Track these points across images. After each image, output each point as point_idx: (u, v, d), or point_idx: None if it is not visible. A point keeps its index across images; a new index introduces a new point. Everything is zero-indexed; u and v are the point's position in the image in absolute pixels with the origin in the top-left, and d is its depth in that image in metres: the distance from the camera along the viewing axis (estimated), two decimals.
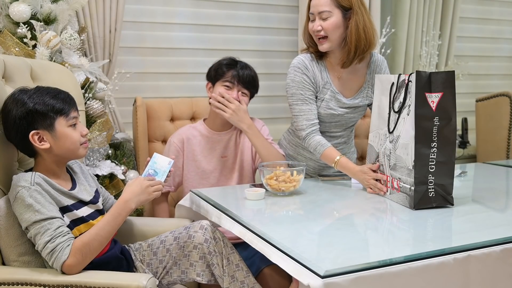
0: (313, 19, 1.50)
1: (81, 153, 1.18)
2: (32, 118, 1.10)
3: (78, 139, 1.16)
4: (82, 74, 1.69)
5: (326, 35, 1.49)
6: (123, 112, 2.10)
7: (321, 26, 1.47)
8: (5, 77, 1.28)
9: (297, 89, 1.55)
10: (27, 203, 1.05)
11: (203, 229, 1.25)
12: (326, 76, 1.57)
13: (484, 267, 0.96)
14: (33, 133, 1.11)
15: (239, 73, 1.60)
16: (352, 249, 1.00)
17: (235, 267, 1.26)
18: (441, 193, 1.24)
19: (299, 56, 1.59)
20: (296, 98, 1.55)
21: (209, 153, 1.66)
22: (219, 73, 1.62)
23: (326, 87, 1.57)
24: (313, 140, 1.53)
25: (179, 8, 2.29)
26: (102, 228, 1.11)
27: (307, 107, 1.54)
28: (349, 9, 1.47)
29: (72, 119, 1.15)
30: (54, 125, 1.12)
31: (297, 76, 1.55)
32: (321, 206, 1.33)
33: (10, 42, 1.58)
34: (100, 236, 1.10)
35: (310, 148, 1.55)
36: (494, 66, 3.09)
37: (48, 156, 1.14)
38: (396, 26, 2.57)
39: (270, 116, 2.51)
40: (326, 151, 1.50)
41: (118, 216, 1.13)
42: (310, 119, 1.54)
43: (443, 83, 1.20)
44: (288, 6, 2.49)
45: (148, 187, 1.19)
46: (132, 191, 1.17)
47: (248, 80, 1.62)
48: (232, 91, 1.60)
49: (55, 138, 1.12)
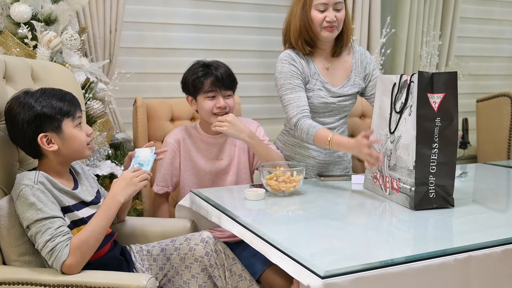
0: (325, 9, 1.55)
1: (87, 153, 1.20)
2: (40, 121, 1.11)
3: (84, 139, 1.18)
4: (83, 75, 1.69)
5: (337, 25, 1.57)
6: (123, 112, 2.10)
7: (336, 16, 1.55)
8: (6, 78, 1.28)
9: (285, 79, 1.57)
10: (29, 201, 1.05)
11: (204, 242, 1.24)
12: (314, 67, 1.62)
13: (485, 268, 0.96)
14: (41, 136, 1.11)
15: (217, 77, 1.54)
16: (352, 249, 0.99)
17: (238, 278, 1.26)
18: (442, 194, 1.24)
19: (285, 51, 1.63)
20: (285, 88, 1.57)
21: (205, 154, 1.65)
22: (197, 87, 1.55)
23: (314, 78, 1.61)
24: (304, 124, 1.50)
25: (179, 9, 2.29)
26: (96, 224, 1.11)
27: (296, 95, 1.55)
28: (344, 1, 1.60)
29: (77, 119, 1.16)
30: (61, 127, 1.13)
31: (284, 67, 1.58)
32: (321, 207, 1.33)
33: (11, 42, 1.58)
34: (96, 233, 1.10)
35: (303, 134, 1.51)
36: (495, 66, 3.09)
37: (54, 158, 1.15)
38: (396, 26, 2.57)
39: (269, 116, 2.51)
40: (318, 132, 1.47)
41: (109, 211, 1.13)
42: (300, 105, 1.54)
43: (445, 83, 1.20)
44: (288, 7, 2.48)
45: (133, 178, 1.17)
46: (118, 185, 1.16)
47: (227, 79, 1.57)
48: (218, 100, 1.56)
49: (63, 140, 1.13)
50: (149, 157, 1.25)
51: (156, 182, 1.68)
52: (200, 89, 1.56)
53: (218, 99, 1.56)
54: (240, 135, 1.54)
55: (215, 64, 1.59)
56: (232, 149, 1.68)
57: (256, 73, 2.49)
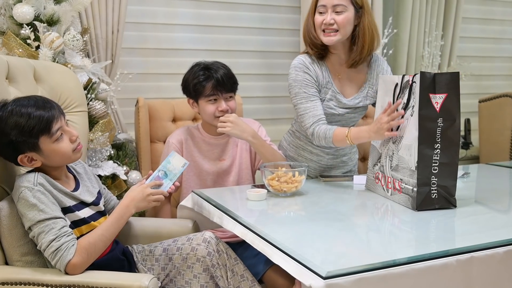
0: (324, 11, 1.50)
1: (75, 158, 1.17)
2: (16, 145, 1.09)
3: (68, 148, 1.13)
4: (85, 75, 1.69)
5: (337, 29, 1.50)
6: (125, 112, 2.10)
7: (334, 19, 1.49)
8: (9, 78, 1.28)
9: (300, 88, 1.54)
10: (31, 203, 1.06)
11: (206, 242, 1.25)
12: (328, 76, 1.58)
13: (487, 268, 0.96)
14: (21, 157, 1.11)
15: (217, 80, 1.53)
16: (354, 250, 0.99)
17: (240, 278, 1.26)
18: (444, 194, 1.23)
19: (299, 57, 1.59)
20: (300, 97, 1.54)
21: (207, 155, 1.65)
22: (199, 91, 1.55)
23: (327, 87, 1.57)
24: (320, 130, 1.49)
25: (181, 9, 2.29)
26: (106, 229, 1.14)
27: (312, 104, 1.53)
28: (360, 8, 1.51)
29: (56, 133, 1.10)
30: (39, 146, 1.09)
31: (298, 75, 1.55)
32: (323, 207, 1.33)
33: (13, 43, 1.58)
34: (105, 237, 1.12)
35: (321, 140, 1.50)
36: (497, 66, 3.08)
37: (44, 166, 1.14)
38: (398, 26, 2.57)
39: (272, 117, 2.51)
40: (335, 132, 1.46)
41: (120, 219, 1.17)
42: (316, 114, 1.52)
43: (448, 84, 1.19)
44: (290, 7, 2.49)
45: (149, 196, 1.21)
46: (132, 197, 1.20)
47: (228, 82, 1.56)
48: (219, 103, 1.56)
49: (43, 155, 1.11)
50: (178, 170, 1.26)
51: None
52: (202, 93, 1.56)
53: (220, 102, 1.56)
54: (243, 135, 1.54)
55: (215, 66, 1.57)
56: (234, 150, 1.68)
57: (258, 74, 2.49)
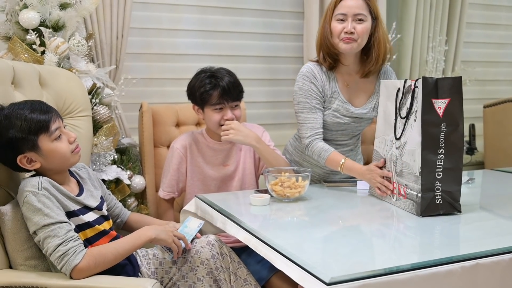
0: (344, 19, 1.49)
1: (74, 160, 1.17)
2: (14, 145, 1.09)
3: (67, 149, 1.14)
4: (89, 80, 1.70)
5: (356, 38, 1.49)
6: (129, 117, 2.11)
7: (355, 28, 1.48)
8: (15, 83, 1.29)
9: (303, 97, 1.55)
10: (36, 207, 1.06)
11: (210, 244, 1.25)
12: (335, 85, 1.58)
13: (492, 275, 0.95)
14: (20, 158, 1.10)
15: (224, 89, 1.52)
16: (358, 256, 0.99)
17: (243, 282, 1.25)
18: (449, 200, 1.23)
19: (308, 64, 1.59)
20: (302, 106, 1.56)
21: (211, 160, 1.66)
22: (205, 99, 1.55)
23: (334, 96, 1.58)
24: (316, 146, 1.53)
25: (185, 15, 2.31)
26: (121, 245, 1.13)
27: (312, 116, 1.55)
28: (375, 19, 1.52)
29: (54, 132, 1.11)
30: (38, 145, 1.10)
31: (305, 84, 1.56)
32: (326, 212, 1.32)
33: (19, 48, 1.60)
34: (117, 252, 1.11)
35: (314, 155, 1.54)
36: (502, 71, 3.07)
37: (44, 170, 1.14)
38: (402, 31, 2.57)
39: (275, 122, 2.51)
40: (330, 156, 1.50)
41: (138, 239, 1.16)
42: (315, 127, 1.54)
43: (450, 89, 1.19)
44: (294, 12, 2.50)
45: (172, 238, 1.21)
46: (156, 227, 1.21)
47: (234, 91, 1.56)
48: (225, 112, 1.56)
49: (43, 156, 1.11)
50: (193, 231, 1.29)
51: (162, 188, 1.68)
52: (208, 102, 1.56)
53: (226, 111, 1.57)
54: (246, 140, 1.55)
55: (220, 74, 1.57)
56: (238, 155, 1.68)
57: (262, 79, 2.49)
